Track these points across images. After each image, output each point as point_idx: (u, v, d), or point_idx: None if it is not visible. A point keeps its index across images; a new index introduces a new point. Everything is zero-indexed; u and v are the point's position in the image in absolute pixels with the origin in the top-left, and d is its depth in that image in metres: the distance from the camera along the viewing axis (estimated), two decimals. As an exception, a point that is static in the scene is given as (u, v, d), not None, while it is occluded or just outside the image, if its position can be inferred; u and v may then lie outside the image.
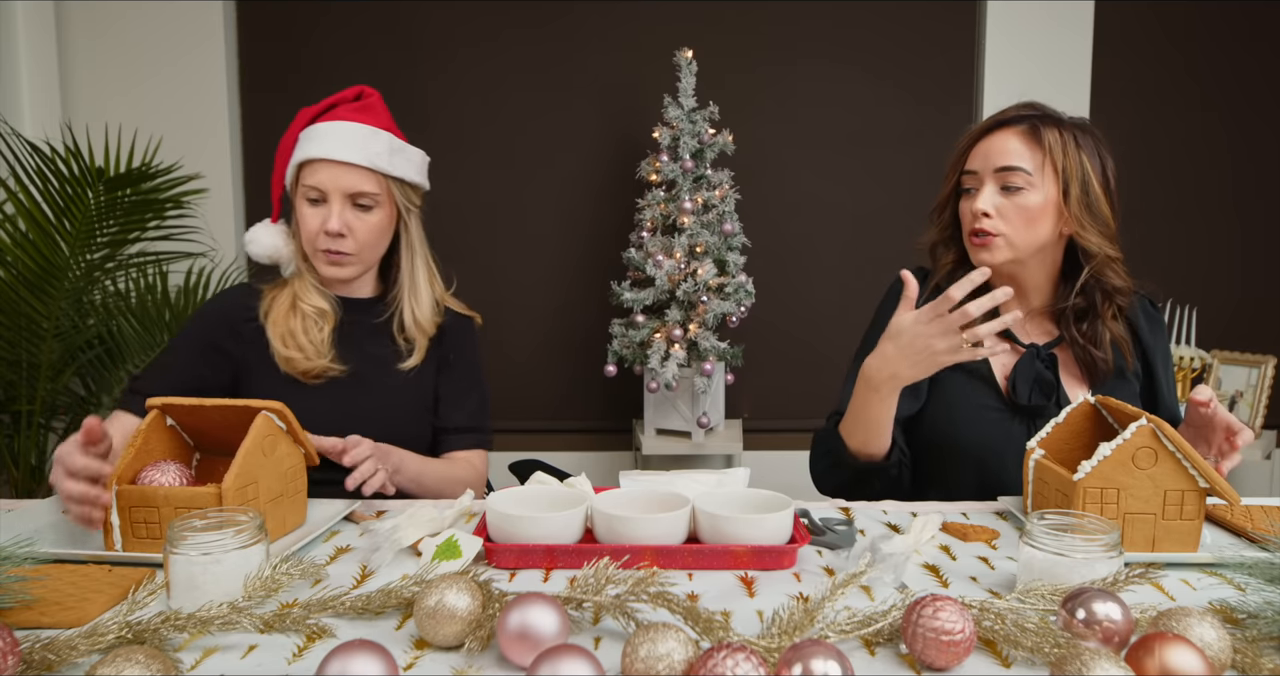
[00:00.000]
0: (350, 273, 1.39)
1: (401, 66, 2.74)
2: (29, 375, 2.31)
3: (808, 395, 2.82)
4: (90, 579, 0.90)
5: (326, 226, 1.34)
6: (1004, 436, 1.34)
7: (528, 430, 2.86)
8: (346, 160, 1.33)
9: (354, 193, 1.35)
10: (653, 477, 1.23)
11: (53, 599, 0.84)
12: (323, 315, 1.40)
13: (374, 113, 1.41)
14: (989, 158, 1.31)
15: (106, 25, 2.64)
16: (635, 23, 2.75)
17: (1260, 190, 2.88)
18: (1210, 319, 2.78)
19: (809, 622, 0.75)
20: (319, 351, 1.37)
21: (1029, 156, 1.29)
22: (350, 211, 1.36)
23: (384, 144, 1.37)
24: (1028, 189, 1.29)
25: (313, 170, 1.34)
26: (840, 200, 2.83)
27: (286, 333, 1.37)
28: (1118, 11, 2.78)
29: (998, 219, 1.29)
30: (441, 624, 0.75)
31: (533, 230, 2.82)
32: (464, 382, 1.50)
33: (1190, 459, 0.96)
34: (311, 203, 1.36)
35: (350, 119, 1.37)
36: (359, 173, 1.34)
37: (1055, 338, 1.39)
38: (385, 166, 1.36)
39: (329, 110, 1.41)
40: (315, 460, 1.12)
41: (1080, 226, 1.31)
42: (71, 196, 2.24)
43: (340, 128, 1.36)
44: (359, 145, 1.35)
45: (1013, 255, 1.31)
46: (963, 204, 1.36)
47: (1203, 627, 0.70)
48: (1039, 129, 1.30)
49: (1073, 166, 1.29)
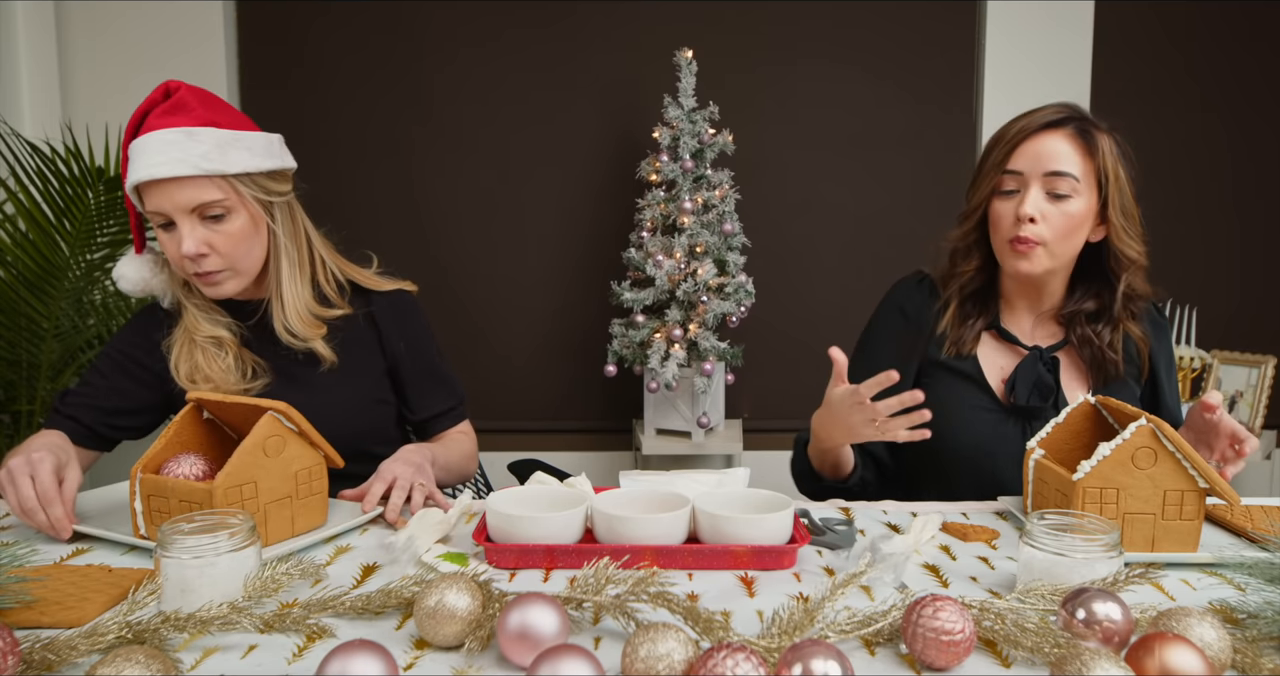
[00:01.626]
0: (233, 288, 1.28)
1: (402, 67, 2.74)
2: (29, 375, 2.31)
3: (808, 395, 2.79)
4: (90, 579, 0.90)
5: (183, 251, 1.21)
6: (998, 438, 1.34)
7: (528, 430, 2.86)
8: (169, 175, 1.17)
9: (197, 206, 1.20)
10: (653, 477, 1.23)
11: (53, 599, 0.84)
12: (220, 343, 1.30)
13: (186, 110, 1.22)
14: (1039, 160, 1.26)
15: (106, 25, 2.64)
16: (636, 23, 2.75)
17: (1260, 190, 2.88)
18: (1210, 319, 2.78)
19: (809, 622, 0.75)
20: (227, 378, 1.29)
21: (1079, 163, 1.26)
22: (203, 227, 1.21)
23: (208, 143, 1.20)
24: (1073, 197, 1.26)
25: (148, 194, 1.20)
26: (840, 200, 2.83)
27: (192, 368, 1.29)
28: (1118, 11, 2.78)
29: (1043, 225, 1.25)
30: (441, 624, 0.75)
31: (533, 230, 2.82)
32: (426, 367, 1.44)
33: (1190, 459, 0.96)
34: (163, 228, 1.23)
35: (163, 125, 1.20)
36: (193, 183, 1.19)
37: (1060, 340, 1.39)
38: (218, 166, 1.20)
39: (142, 121, 1.23)
40: (338, 462, 1.10)
41: (1121, 234, 1.28)
42: (71, 197, 2.24)
43: (155, 140, 1.19)
44: (178, 154, 1.18)
45: (1051, 265, 1.29)
46: (999, 205, 1.30)
47: (1203, 627, 0.70)
48: (1091, 134, 1.27)
49: (1116, 177, 1.27)
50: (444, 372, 1.47)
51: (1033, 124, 1.29)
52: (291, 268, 1.32)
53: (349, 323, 1.38)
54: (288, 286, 1.32)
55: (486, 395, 2.80)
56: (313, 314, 1.34)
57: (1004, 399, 1.35)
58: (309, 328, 1.33)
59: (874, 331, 1.46)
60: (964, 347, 1.37)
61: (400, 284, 1.45)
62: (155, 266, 1.32)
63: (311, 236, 1.37)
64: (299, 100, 2.72)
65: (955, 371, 1.37)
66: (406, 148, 2.77)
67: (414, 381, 1.44)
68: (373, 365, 1.41)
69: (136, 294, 1.33)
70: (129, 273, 1.31)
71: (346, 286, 1.41)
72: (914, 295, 1.44)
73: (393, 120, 2.75)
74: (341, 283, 1.40)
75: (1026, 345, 1.37)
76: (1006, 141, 1.30)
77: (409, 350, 1.42)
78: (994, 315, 1.40)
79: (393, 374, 1.43)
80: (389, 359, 1.42)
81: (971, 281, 1.39)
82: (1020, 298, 1.40)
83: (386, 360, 1.42)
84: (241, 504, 0.98)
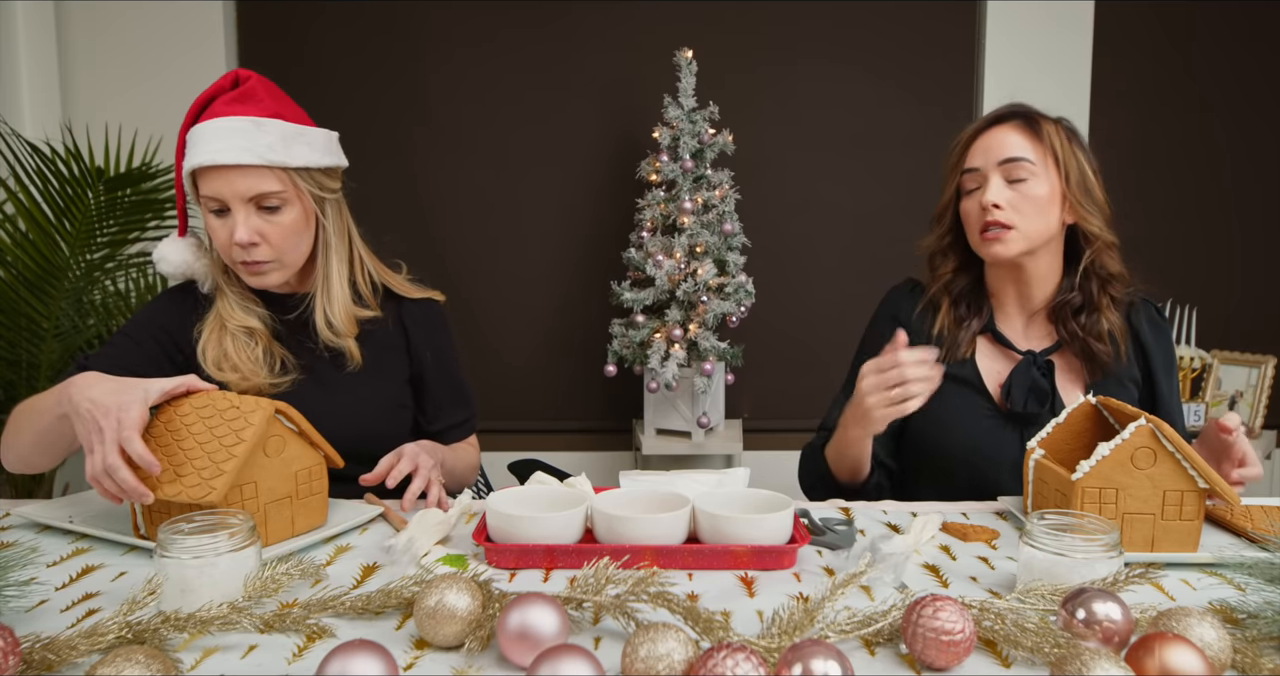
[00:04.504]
0: (276, 280, 1.28)
1: (402, 66, 2.74)
2: (29, 375, 2.31)
3: (808, 395, 2.82)
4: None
5: (235, 238, 1.21)
6: (997, 443, 1.34)
7: (528, 430, 2.86)
8: (235, 163, 1.18)
9: (255, 196, 1.21)
10: (653, 477, 1.23)
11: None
12: (252, 334, 1.30)
13: (255, 100, 1.23)
14: (990, 152, 1.32)
15: (106, 25, 2.64)
16: (635, 23, 2.75)
17: (1260, 190, 2.88)
18: (1210, 319, 2.78)
19: (809, 622, 0.75)
20: (255, 369, 1.29)
21: (1030, 147, 1.31)
22: (257, 216, 1.22)
23: (274, 134, 1.21)
24: (1033, 178, 1.30)
25: (205, 179, 1.20)
26: (840, 200, 2.83)
27: (220, 355, 1.28)
28: (1118, 11, 2.78)
29: (1009, 210, 1.30)
30: (441, 624, 0.75)
31: (532, 230, 2.82)
32: (448, 379, 1.46)
33: (1189, 459, 0.96)
34: (215, 214, 1.23)
35: (230, 113, 1.21)
36: (255, 173, 1.20)
37: (1054, 343, 1.39)
38: (282, 158, 1.21)
39: (207, 106, 1.24)
40: (338, 462, 1.10)
41: (1082, 211, 1.32)
42: (71, 197, 2.24)
43: (221, 126, 1.20)
44: (246, 143, 1.19)
45: (1026, 246, 1.32)
46: (965, 204, 1.36)
47: (1203, 627, 0.70)
48: (1036, 122, 1.33)
49: (1069, 157, 1.32)
50: (463, 385, 1.50)
51: (981, 123, 1.36)
52: (339, 263, 1.33)
53: (379, 325, 1.39)
54: (335, 281, 1.33)
55: (486, 395, 2.79)
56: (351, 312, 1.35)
57: (1001, 404, 1.35)
58: (349, 324, 1.34)
59: (870, 342, 1.47)
60: (960, 352, 1.38)
61: (430, 293, 1.46)
62: (198, 250, 1.32)
63: (354, 235, 1.38)
64: (299, 100, 2.69)
65: (954, 377, 1.37)
66: (407, 147, 2.77)
67: (435, 391, 1.45)
68: (398, 370, 1.41)
69: (176, 277, 1.32)
70: (172, 255, 1.31)
71: (380, 289, 1.42)
72: (905, 303, 1.45)
73: (393, 120, 2.75)
74: (376, 285, 1.41)
75: (1020, 349, 1.37)
76: (960, 144, 1.37)
77: (435, 360, 1.43)
78: (988, 318, 1.40)
79: (415, 381, 1.44)
80: (414, 366, 1.43)
81: (955, 282, 1.41)
82: (1009, 295, 1.40)
83: (412, 367, 1.43)
84: (241, 504, 0.98)
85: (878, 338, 1.45)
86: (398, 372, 1.42)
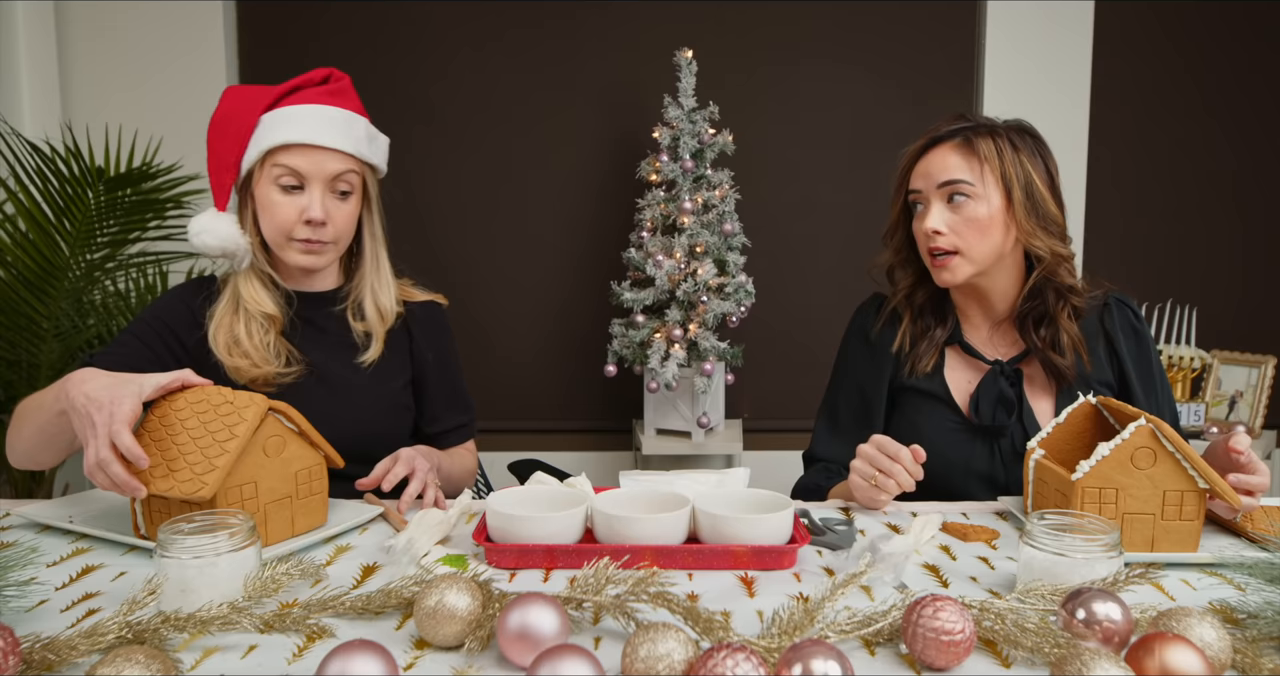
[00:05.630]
0: (326, 261, 1.35)
1: (402, 67, 2.74)
2: (29, 375, 2.31)
3: (808, 395, 2.81)
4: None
5: (309, 214, 1.28)
6: (966, 456, 1.33)
7: (528, 430, 2.86)
8: (332, 146, 1.28)
9: (336, 178, 1.30)
10: (653, 477, 1.23)
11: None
12: (269, 319, 1.33)
13: (348, 97, 1.35)
14: (929, 176, 1.30)
15: (106, 25, 2.64)
16: (635, 23, 2.75)
17: (1260, 190, 2.88)
18: (1210, 319, 2.78)
19: (809, 622, 0.75)
20: (266, 357, 1.31)
21: (967, 168, 1.28)
22: (330, 199, 1.31)
23: (363, 130, 1.33)
24: (973, 200, 1.28)
25: (291, 155, 1.27)
26: (840, 200, 2.83)
27: (230, 339, 1.31)
28: (1117, 11, 2.78)
29: (951, 235, 1.28)
30: (441, 624, 0.75)
31: (533, 230, 2.82)
32: (449, 382, 1.48)
33: (1189, 459, 0.96)
34: (285, 190, 1.29)
35: (323, 102, 1.31)
36: (343, 159, 1.30)
37: (1022, 350, 1.37)
38: (366, 154, 1.33)
39: (293, 92, 1.33)
40: (339, 462, 1.10)
41: (1027, 231, 1.29)
42: (71, 196, 2.24)
43: (318, 112, 1.30)
44: (343, 131, 1.30)
45: (974, 269, 1.30)
46: (915, 225, 1.35)
47: (1203, 627, 0.70)
48: (972, 140, 1.29)
49: (1012, 172, 1.28)
50: (462, 390, 1.52)
51: (921, 143, 1.33)
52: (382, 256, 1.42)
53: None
54: (385, 268, 1.42)
55: (487, 395, 2.80)
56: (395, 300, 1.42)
57: (969, 417, 1.35)
58: (391, 313, 1.41)
59: (843, 362, 1.48)
60: (924, 365, 1.37)
61: (433, 296, 1.50)
62: (239, 225, 1.34)
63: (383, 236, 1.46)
64: (299, 100, 2.71)
65: (924, 393, 1.37)
66: (407, 147, 2.77)
67: (435, 394, 1.47)
68: (402, 371, 1.44)
69: (214, 250, 1.33)
70: (217, 227, 1.32)
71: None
72: (873, 320, 1.45)
73: (394, 120, 2.75)
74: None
75: (988, 359, 1.37)
76: (902, 167, 1.36)
77: (437, 362, 1.46)
78: (953, 328, 1.40)
79: (416, 383, 1.46)
80: (416, 367, 1.45)
81: (915, 294, 1.41)
82: (972, 307, 1.40)
83: (414, 368, 1.45)
84: (241, 504, 0.98)
85: (851, 359, 1.46)
86: (401, 373, 1.43)
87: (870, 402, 1.41)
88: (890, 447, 1.15)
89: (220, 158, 1.32)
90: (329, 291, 1.42)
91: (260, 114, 1.30)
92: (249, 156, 1.30)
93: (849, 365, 1.46)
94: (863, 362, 1.43)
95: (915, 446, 1.15)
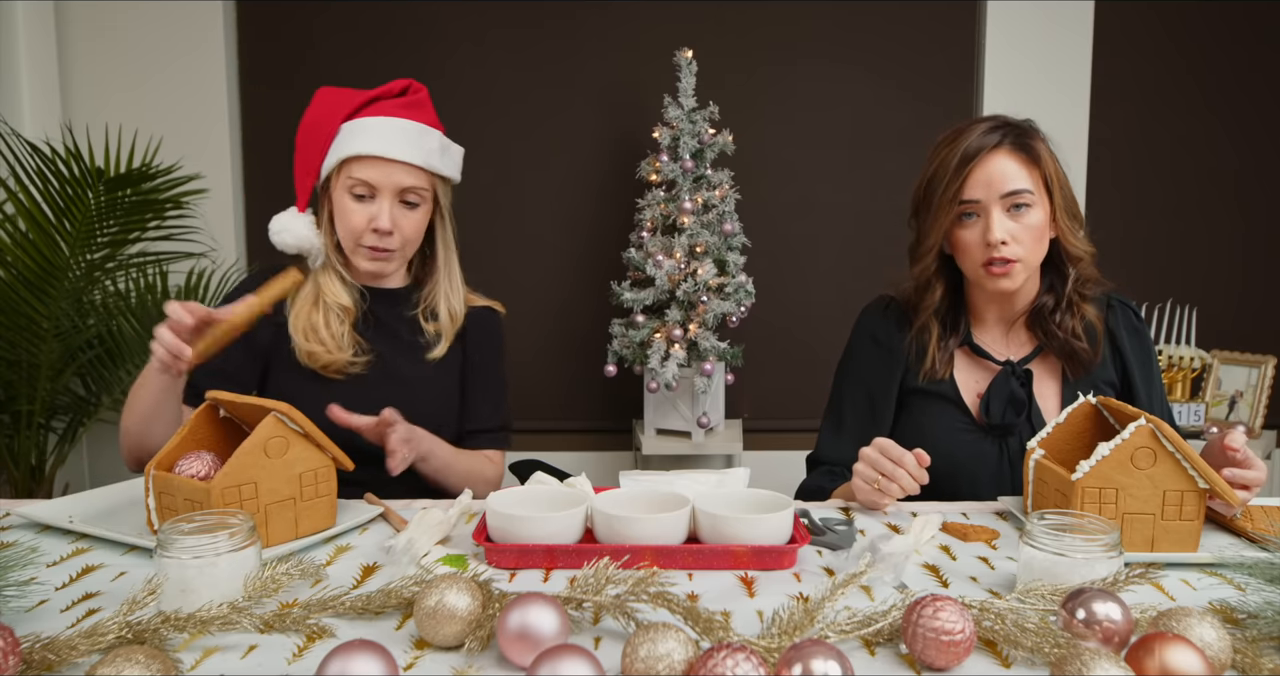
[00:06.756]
0: (392, 268, 1.42)
1: (402, 67, 2.73)
2: (29, 375, 2.31)
3: (808, 395, 2.82)
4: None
5: (376, 224, 1.35)
6: (977, 458, 1.33)
7: (528, 430, 2.85)
8: (403, 159, 1.34)
9: (405, 189, 1.36)
10: (653, 477, 1.23)
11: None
12: (345, 310, 1.40)
13: (424, 109, 1.42)
14: (992, 185, 1.27)
15: (106, 25, 2.64)
16: (635, 23, 2.75)
17: (1261, 190, 2.88)
18: (1210, 319, 2.78)
19: (809, 622, 0.75)
20: (340, 345, 1.38)
21: (1027, 176, 1.28)
22: (398, 208, 1.37)
23: (435, 142, 1.39)
24: (1032, 208, 1.28)
25: (364, 166, 1.34)
26: (840, 200, 2.83)
27: (309, 327, 1.38)
28: (1118, 11, 2.78)
29: (1013, 243, 1.27)
30: (441, 624, 0.75)
31: (533, 230, 2.82)
32: (489, 382, 1.53)
33: (1189, 459, 0.96)
34: (357, 198, 1.36)
35: (400, 115, 1.38)
36: (412, 171, 1.36)
37: (1033, 349, 1.38)
38: (437, 166, 1.39)
39: (372, 103, 1.40)
40: (348, 464, 1.10)
41: (1066, 230, 1.31)
42: (71, 197, 2.24)
43: (394, 125, 1.36)
44: (414, 143, 1.36)
45: (1027, 275, 1.31)
46: (963, 233, 1.31)
47: (1203, 627, 0.70)
48: (1028, 145, 1.29)
49: (1055, 174, 1.30)
50: (499, 397, 1.56)
51: (972, 149, 1.28)
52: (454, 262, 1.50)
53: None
54: (457, 276, 1.50)
55: (486, 395, 2.80)
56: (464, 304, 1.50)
57: (979, 418, 1.35)
58: (461, 315, 1.48)
59: (851, 363, 1.46)
60: (943, 372, 1.37)
61: (491, 302, 1.57)
62: (314, 226, 1.42)
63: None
64: (299, 100, 2.69)
65: (932, 394, 1.37)
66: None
67: (473, 392, 1.52)
68: (455, 368, 1.50)
69: (291, 249, 1.41)
70: (296, 227, 1.40)
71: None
72: (882, 322, 1.43)
73: (393, 120, 2.75)
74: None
75: (999, 360, 1.37)
76: (953, 173, 1.29)
77: (483, 364, 1.52)
78: (965, 332, 1.40)
79: (462, 380, 1.51)
80: (465, 366, 1.51)
81: (940, 306, 1.40)
82: (990, 310, 1.40)
83: (464, 365, 1.51)
84: (240, 504, 0.97)
85: (859, 361, 1.44)
86: (455, 369, 1.50)
87: (878, 405, 1.41)
88: (893, 451, 1.15)
89: (305, 162, 1.40)
90: (397, 289, 1.48)
91: (341, 122, 1.38)
92: (328, 163, 1.38)
93: (858, 367, 1.44)
94: (873, 365, 1.42)
95: (919, 451, 1.14)
